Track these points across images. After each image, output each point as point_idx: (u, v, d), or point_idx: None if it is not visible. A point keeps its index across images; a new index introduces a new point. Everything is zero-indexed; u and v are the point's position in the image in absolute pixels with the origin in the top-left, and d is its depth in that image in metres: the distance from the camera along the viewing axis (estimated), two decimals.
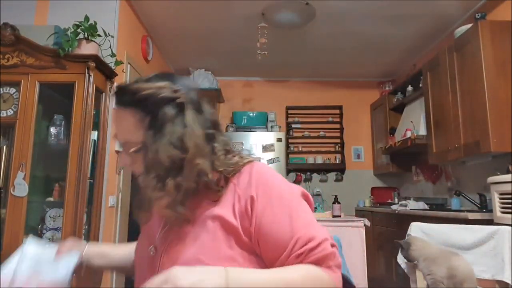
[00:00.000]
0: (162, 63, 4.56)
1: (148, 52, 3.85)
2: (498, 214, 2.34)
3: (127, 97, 0.78)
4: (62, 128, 2.44)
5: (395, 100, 4.70)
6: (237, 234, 0.74)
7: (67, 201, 2.22)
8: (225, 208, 0.77)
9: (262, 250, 0.74)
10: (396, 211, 3.63)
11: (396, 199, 4.70)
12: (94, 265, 1.01)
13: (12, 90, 2.35)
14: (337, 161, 5.25)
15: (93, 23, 2.43)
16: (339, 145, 5.32)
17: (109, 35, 2.59)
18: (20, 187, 2.20)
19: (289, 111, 5.38)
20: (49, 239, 2.31)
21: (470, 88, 2.92)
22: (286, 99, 5.38)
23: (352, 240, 3.00)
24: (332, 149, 5.31)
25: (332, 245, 0.74)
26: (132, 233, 3.38)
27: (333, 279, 0.71)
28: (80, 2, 2.89)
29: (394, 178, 5.15)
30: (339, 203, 3.31)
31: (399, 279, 3.48)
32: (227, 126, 4.98)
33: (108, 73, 2.61)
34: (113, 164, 2.93)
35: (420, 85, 3.95)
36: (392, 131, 4.64)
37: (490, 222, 2.39)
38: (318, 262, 0.71)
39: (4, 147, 2.37)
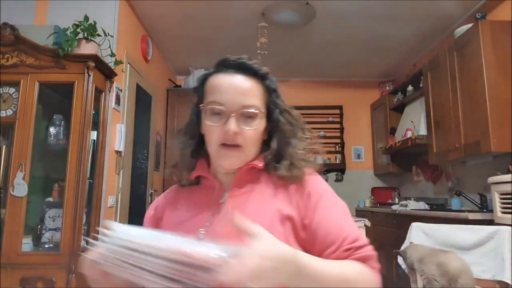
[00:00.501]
0: (162, 63, 4.56)
1: (148, 52, 3.84)
2: (499, 214, 2.34)
3: (255, 70, 0.84)
4: (62, 128, 2.44)
5: (396, 100, 4.69)
6: (294, 224, 0.77)
7: (66, 201, 2.22)
8: (280, 199, 0.80)
9: (311, 245, 0.76)
10: (397, 211, 3.62)
11: (396, 199, 4.69)
12: None
13: (12, 90, 2.35)
14: (337, 161, 5.24)
15: (93, 23, 2.43)
16: (339, 145, 5.32)
17: (108, 35, 2.58)
18: (20, 187, 2.20)
19: None
20: (48, 239, 2.31)
21: (471, 88, 2.91)
22: (286, 99, 5.35)
23: None
24: (332, 149, 5.31)
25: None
26: None
27: (378, 279, 0.74)
28: (79, 2, 2.89)
29: (394, 178, 5.14)
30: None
31: (399, 279, 3.47)
32: None
33: (107, 73, 2.60)
34: (113, 164, 2.93)
35: (421, 85, 3.95)
36: (393, 131, 4.64)
37: (490, 222, 2.39)
38: (363, 261, 0.73)
39: (4, 147, 2.37)
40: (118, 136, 2.98)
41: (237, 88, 0.81)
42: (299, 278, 0.61)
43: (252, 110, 0.80)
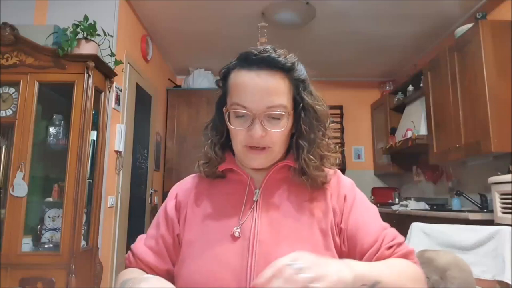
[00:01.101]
0: (161, 62, 4.56)
1: (148, 52, 3.84)
2: (499, 214, 2.33)
3: (281, 63, 0.77)
4: (61, 128, 2.44)
5: (396, 100, 4.69)
6: (333, 231, 0.76)
7: (66, 201, 2.22)
8: (318, 204, 0.79)
9: (349, 247, 0.76)
10: (397, 211, 3.62)
11: (396, 199, 4.69)
12: None
13: (11, 90, 2.35)
14: (338, 161, 5.22)
15: (93, 23, 2.43)
16: (339, 145, 5.30)
17: (108, 34, 2.58)
18: (19, 187, 2.20)
19: None
20: (48, 239, 2.31)
21: (471, 88, 2.91)
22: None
23: None
24: None
25: None
26: (132, 234, 3.37)
27: (422, 272, 0.76)
28: (79, 2, 2.89)
29: (394, 178, 5.14)
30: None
31: None
32: None
33: (107, 73, 2.60)
34: (113, 164, 2.93)
35: (421, 85, 3.94)
36: (393, 131, 4.63)
37: (491, 222, 2.38)
38: (406, 256, 0.75)
39: (3, 147, 2.37)
40: (118, 136, 2.98)
41: (261, 87, 0.74)
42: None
43: (278, 112, 0.75)
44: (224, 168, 0.83)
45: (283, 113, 0.75)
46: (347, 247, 0.76)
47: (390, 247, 0.74)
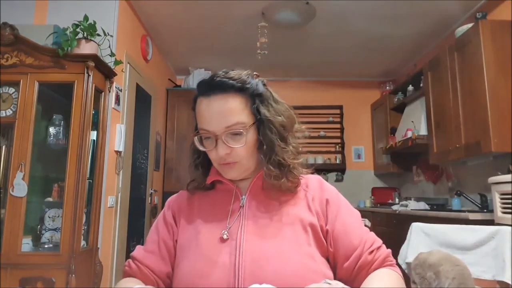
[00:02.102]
0: (161, 62, 4.56)
1: (148, 52, 3.84)
2: (499, 214, 2.33)
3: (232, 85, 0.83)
4: (61, 128, 2.43)
5: (396, 100, 4.69)
6: (316, 231, 0.82)
7: (66, 201, 2.21)
8: (299, 207, 0.85)
9: (334, 249, 0.82)
10: (397, 212, 3.62)
11: (396, 199, 4.69)
12: None
13: (11, 90, 2.35)
14: (338, 161, 5.24)
15: (93, 23, 2.43)
16: (339, 145, 5.31)
17: (108, 34, 2.58)
18: (19, 187, 2.20)
19: None
20: (48, 239, 2.31)
21: (471, 88, 2.91)
22: (286, 99, 5.26)
23: None
24: (333, 149, 5.30)
25: None
26: (132, 234, 3.37)
27: (399, 272, 0.83)
28: (79, 2, 2.89)
29: (394, 178, 5.14)
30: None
31: None
32: None
33: (107, 73, 2.60)
34: (113, 164, 2.93)
35: (421, 84, 3.94)
36: (393, 131, 4.63)
37: (491, 222, 2.38)
38: (385, 259, 0.82)
39: (3, 147, 2.36)
40: (118, 136, 2.98)
41: (216, 111, 0.81)
42: None
43: (237, 130, 0.81)
44: (211, 181, 0.90)
45: (241, 130, 0.81)
46: (333, 248, 0.82)
47: (372, 251, 0.81)
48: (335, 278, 0.81)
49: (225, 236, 0.81)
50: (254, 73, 0.89)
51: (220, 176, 0.89)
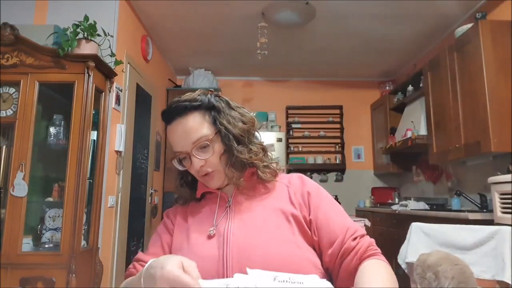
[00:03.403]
0: (161, 62, 4.56)
1: (148, 52, 3.84)
2: (499, 214, 2.34)
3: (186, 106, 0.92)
4: (62, 128, 2.44)
5: (396, 100, 4.69)
6: (299, 221, 0.87)
7: (66, 201, 2.22)
8: (281, 201, 0.91)
9: (319, 237, 0.87)
10: (397, 211, 3.62)
11: (396, 199, 4.69)
12: None
13: (12, 90, 2.35)
14: (337, 161, 5.24)
15: (93, 23, 2.43)
16: (339, 145, 5.31)
17: (108, 34, 2.58)
18: (20, 187, 2.20)
19: (289, 111, 5.37)
20: (48, 239, 2.31)
21: (471, 88, 2.91)
22: (286, 99, 5.38)
23: None
24: (332, 149, 5.31)
25: None
26: (132, 234, 3.37)
27: (385, 261, 0.86)
28: (79, 2, 2.89)
29: (394, 178, 5.14)
30: (339, 203, 3.30)
31: (399, 279, 3.45)
32: None
33: (107, 73, 2.60)
34: (113, 164, 2.93)
35: (421, 85, 3.94)
36: (393, 131, 4.64)
37: (490, 222, 2.38)
38: (370, 246, 0.85)
39: (4, 147, 2.37)
40: (118, 136, 2.98)
41: (180, 132, 0.90)
42: None
43: (202, 143, 0.89)
44: (200, 194, 0.99)
45: (206, 142, 0.89)
46: (318, 236, 0.87)
47: (355, 238, 0.85)
48: (322, 266, 0.86)
49: (211, 233, 0.87)
50: (209, 89, 1.00)
51: (207, 188, 0.97)
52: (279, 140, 4.86)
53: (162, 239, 0.95)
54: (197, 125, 0.90)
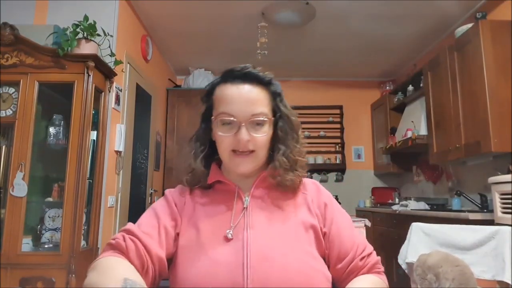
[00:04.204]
0: (161, 62, 4.56)
1: (148, 52, 3.84)
2: (499, 214, 2.33)
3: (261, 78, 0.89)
4: (61, 128, 2.43)
5: (396, 100, 4.69)
6: (316, 232, 0.86)
7: (66, 201, 2.21)
8: (301, 209, 0.88)
9: (329, 250, 0.86)
10: (397, 212, 3.62)
11: (396, 199, 4.69)
12: None
13: (11, 90, 2.35)
14: (338, 161, 5.24)
15: (93, 23, 2.43)
16: (339, 145, 5.31)
17: (108, 34, 2.58)
18: (19, 187, 2.20)
19: None
20: (48, 239, 2.31)
21: (471, 88, 2.91)
22: (286, 99, 5.36)
23: None
24: (333, 149, 5.30)
25: None
26: None
27: (385, 280, 0.88)
28: (79, 2, 2.89)
29: (394, 178, 5.14)
30: (339, 203, 3.30)
31: (399, 279, 3.47)
32: None
33: (107, 73, 2.60)
34: (113, 164, 2.93)
35: (421, 84, 3.94)
36: (393, 131, 4.63)
37: (491, 222, 2.38)
38: (374, 266, 0.86)
39: (3, 147, 2.36)
40: (118, 136, 2.98)
41: (245, 98, 0.85)
42: None
43: (261, 118, 0.85)
44: (212, 181, 0.90)
45: (265, 119, 0.86)
46: (328, 249, 0.86)
47: (362, 258, 0.86)
48: None
49: (229, 236, 0.81)
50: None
51: (221, 176, 0.90)
52: None
53: (160, 221, 0.83)
54: (263, 101, 0.87)
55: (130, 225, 0.82)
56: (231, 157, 0.86)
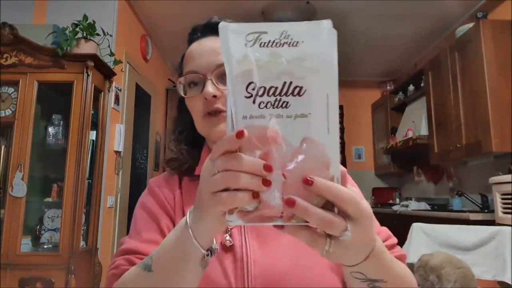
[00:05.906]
0: (161, 62, 4.55)
1: (147, 52, 3.84)
2: (500, 214, 2.32)
3: None
4: (61, 128, 2.43)
5: (397, 99, 4.68)
6: None
7: (65, 201, 2.21)
8: None
9: None
10: (398, 212, 3.61)
11: (397, 200, 4.67)
12: None
13: (11, 90, 2.35)
14: None
15: (92, 22, 2.42)
16: (339, 145, 5.29)
17: (107, 34, 2.57)
18: (19, 187, 2.19)
19: None
20: (47, 239, 2.30)
21: (472, 88, 2.90)
22: None
23: None
24: None
25: None
26: None
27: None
28: (78, 2, 2.88)
29: (395, 178, 5.13)
30: None
31: None
32: None
33: (106, 73, 2.60)
34: (112, 164, 2.92)
35: (422, 84, 3.93)
36: (393, 131, 4.62)
37: (491, 222, 2.37)
38: (401, 259, 0.68)
39: (3, 147, 2.36)
40: (118, 136, 2.97)
41: (208, 49, 0.73)
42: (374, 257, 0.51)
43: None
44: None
45: None
46: None
47: (387, 246, 0.67)
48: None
49: (227, 243, 0.67)
50: None
51: None
52: None
53: (160, 222, 0.73)
54: None
55: (127, 243, 0.71)
56: (205, 122, 0.71)
